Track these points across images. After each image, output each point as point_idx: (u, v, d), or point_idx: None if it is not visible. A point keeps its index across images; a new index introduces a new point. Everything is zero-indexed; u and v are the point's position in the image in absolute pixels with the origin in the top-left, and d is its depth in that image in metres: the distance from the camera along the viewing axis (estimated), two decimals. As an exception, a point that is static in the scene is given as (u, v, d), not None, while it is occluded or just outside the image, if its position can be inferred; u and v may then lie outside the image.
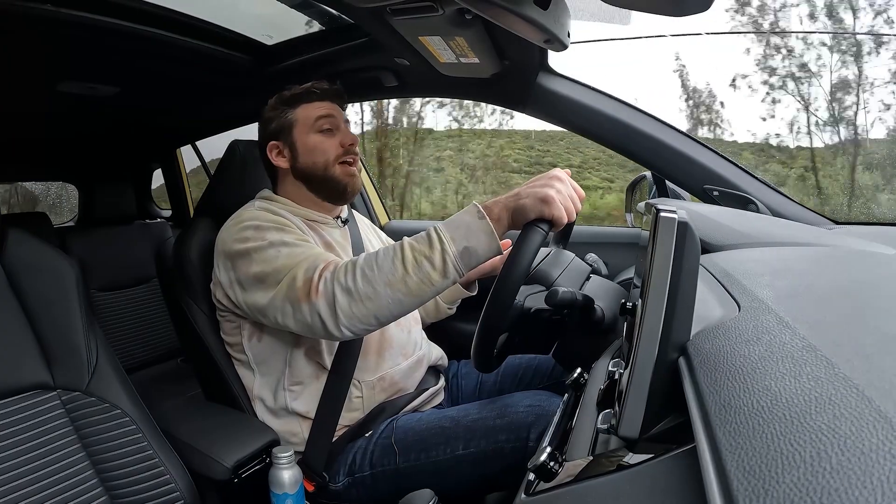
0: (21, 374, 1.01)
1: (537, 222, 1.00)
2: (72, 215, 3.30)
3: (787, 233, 1.18)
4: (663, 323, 0.54)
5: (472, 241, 1.01)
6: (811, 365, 0.40)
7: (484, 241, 1.01)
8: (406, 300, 1.03)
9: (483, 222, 1.01)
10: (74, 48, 1.50)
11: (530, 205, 1.00)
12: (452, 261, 1.01)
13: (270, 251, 1.14)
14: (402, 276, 1.01)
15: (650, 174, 1.58)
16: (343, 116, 1.37)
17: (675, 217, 0.54)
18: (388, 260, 1.03)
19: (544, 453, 0.65)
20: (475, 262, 1.03)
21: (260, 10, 1.65)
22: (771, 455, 0.33)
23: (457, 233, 1.02)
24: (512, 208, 1.02)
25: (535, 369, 1.45)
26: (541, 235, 0.99)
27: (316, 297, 1.04)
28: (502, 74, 1.47)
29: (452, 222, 1.04)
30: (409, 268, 1.01)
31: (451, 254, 1.01)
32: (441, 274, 1.01)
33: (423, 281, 1.01)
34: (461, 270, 1.02)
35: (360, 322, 1.04)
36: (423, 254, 1.02)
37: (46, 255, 1.12)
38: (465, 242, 1.01)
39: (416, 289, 1.02)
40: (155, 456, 1.06)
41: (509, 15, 0.96)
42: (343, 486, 1.21)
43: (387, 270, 1.02)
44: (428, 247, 1.02)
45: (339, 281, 1.04)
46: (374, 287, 1.02)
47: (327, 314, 1.04)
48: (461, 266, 1.02)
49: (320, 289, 1.05)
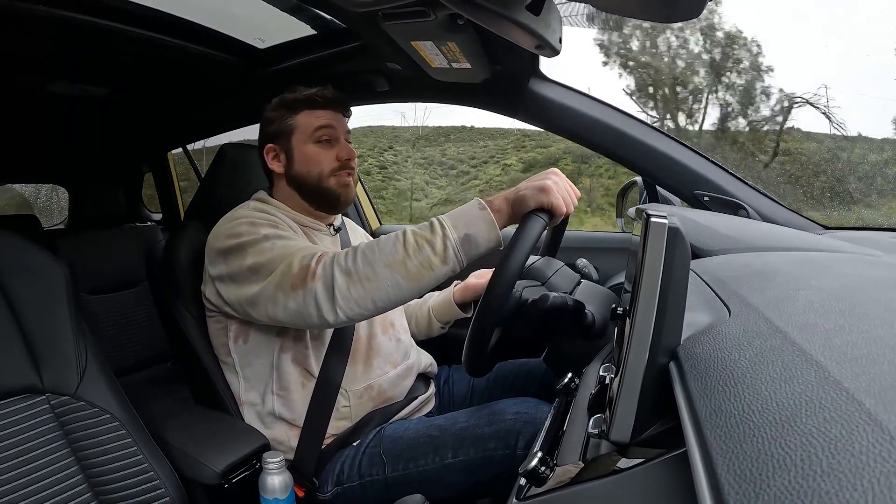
0: (9, 378, 1.00)
1: (537, 211, 1.03)
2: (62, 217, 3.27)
3: (776, 237, 1.19)
4: (654, 328, 0.54)
5: (473, 229, 1.04)
6: (801, 369, 0.40)
7: (485, 230, 1.04)
8: (405, 284, 1.04)
9: (484, 212, 1.05)
10: (66, 49, 1.50)
11: (530, 194, 1.04)
12: (453, 246, 1.03)
13: (265, 243, 1.14)
14: (403, 258, 1.03)
15: (641, 179, 1.58)
16: (344, 127, 1.36)
17: (666, 222, 0.55)
18: (390, 243, 1.05)
19: (535, 458, 0.65)
20: (475, 252, 1.05)
21: (252, 13, 1.64)
22: (762, 459, 0.33)
23: (458, 221, 1.05)
24: (512, 200, 1.06)
25: (526, 374, 1.45)
26: (540, 223, 1.02)
27: (313, 281, 1.05)
28: (494, 80, 1.47)
29: (454, 213, 1.08)
30: (410, 250, 1.03)
31: (452, 240, 1.03)
32: (441, 259, 1.03)
33: (422, 265, 1.03)
34: (462, 258, 1.04)
35: (357, 305, 1.04)
36: (425, 238, 1.04)
37: (36, 257, 1.11)
38: (467, 230, 1.04)
39: (415, 272, 1.03)
40: (145, 461, 1.05)
41: (501, 20, 0.97)
42: (332, 495, 1.20)
43: (387, 252, 1.04)
44: (430, 232, 1.05)
45: (339, 263, 1.05)
46: (373, 268, 1.03)
47: (324, 297, 1.04)
48: (462, 253, 1.04)
49: (318, 272, 1.05)
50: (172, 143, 2.89)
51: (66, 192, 2.83)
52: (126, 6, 1.38)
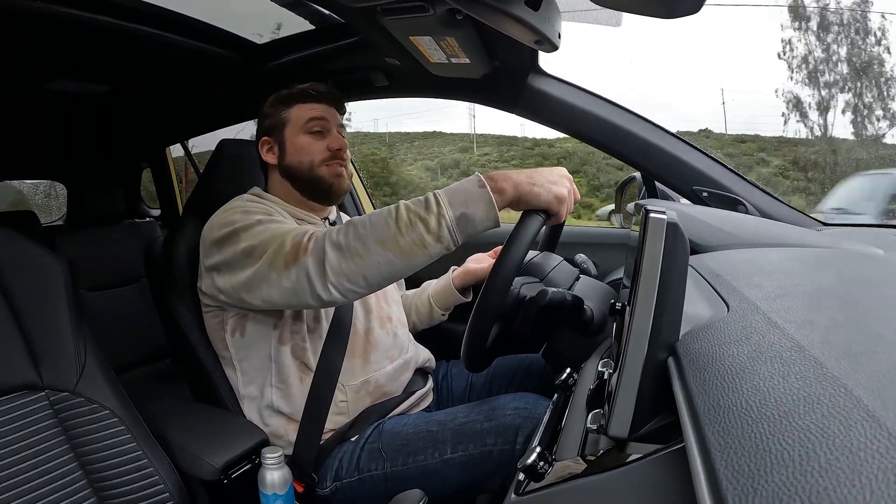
0: (8, 375, 1.00)
1: (539, 211, 1.02)
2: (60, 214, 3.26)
3: (775, 234, 1.19)
4: (652, 323, 0.54)
5: (471, 208, 1.00)
6: (800, 365, 0.41)
7: (482, 210, 1.00)
8: (397, 261, 1.01)
9: (483, 191, 1.01)
10: (64, 46, 1.49)
11: (545, 197, 1.02)
12: (448, 225, 0.99)
13: (258, 227, 1.13)
14: (395, 234, 1.00)
15: (640, 175, 1.58)
16: (337, 121, 1.36)
17: (665, 218, 0.55)
18: (382, 219, 1.02)
19: (534, 453, 0.65)
20: (472, 231, 1.02)
21: (250, 9, 1.64)
22: (760, 454, 0.33)
23: (455, 198, 1.01)
24: (524, 191, 1.02)
25: (525, 370, 1.45)
26: (539, 223, 1.01)
27: (305, 255, 1.03)
28: (493, 75, 1.47)
29: (452, 188, 1.03)
30: (403, 227, 1.00)
31: (448, 218, 0.99)
32: (435, 237, 1.00)
33: (415, 242, 1.00)
34: (457, 237, 1.01)
35: (348, 281, 1.02)
36: (419, 215, 1.00)
37: (34, 253, 1.11)
38: (464, 209, 1.00)
39: (407, 249, 1.00)
40: (144, 457, 1.05)
41: (500, 16, 0.97)
42: (330, 490, 1.20)
43: (380, 228, 1.01)
44: (424, 209, 1.01)
45: (331, 238, 1.03)
46: (364, 244, 1.01)
47: (315, 271, 1.02)
48: (457, 232, 1.00)
49: (310, 247, 1.04)
50: (171, 139, 2.89)
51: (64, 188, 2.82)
52: (124, 3, 1.38)
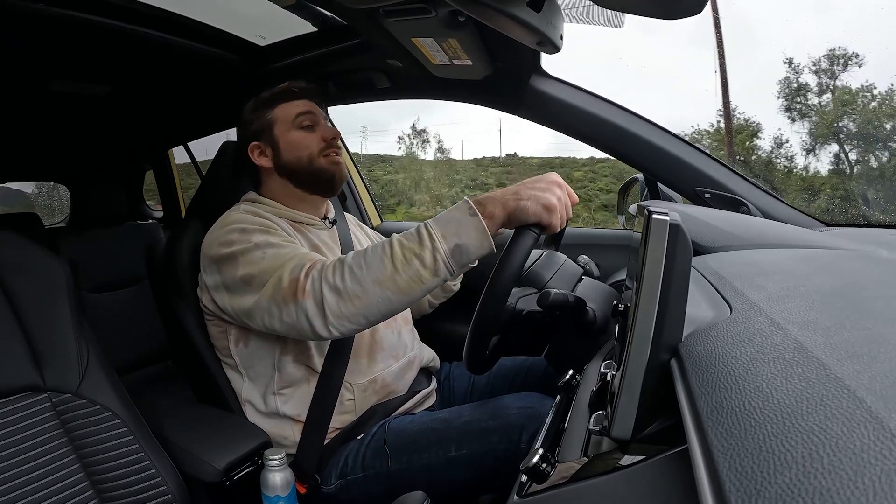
0: (11, 376, 1.00)
1: (531, 226, 0.99)
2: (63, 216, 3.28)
3: (778, 235, 1.18)
4: (655, 324, 0.54)
5: (464, 238, 0.99)
6: (803, 366, 0.40)
7: (475, 239, 0.99)
8: (396, 299, 1.00)
9: (475, 219, 0.99)
10: (67, 47, 1.49)
11: (532, 209, 0.99)
12: (443, 258, 0.99)
13: (256, 253, 1.12)
14: (392, 274, 0.99)
15: (642, 176, 1.58)
16: (322, 113, 1.37)
17: (667, 219, 0.54)
18: (377, 258, 1.01)
19: (537, 455, 0.65)
20: (466, 260, 1.01)
21: (253, 10, 1.64)
22: (763, 456, 0.33)
23: (448, 229, 1.00)
24: (512, 209, 1.00)
25: (527, 371, 1.45)
26: (533, 239, 0.98)
27: (303, 296, 1.02)
28: (495, 76, 1.47)
29: (443, 218, 1.02)
30: (399, 266, 0.99)
31: (442, 252, 0.99)
32: (432, 272, 0.99)
33: (412, 279, 0.99)
34: (453, 269, 1.00)
35: (348, 322, 1.02)
36: (413, 252, 0.99)
37: (36, 255, 1.11)
38: (457, 240, 0.99)
39: (405, 287, 0.99)
40: (146, 458, 1.05)
41: (502, 17, 0.96)
42: (335, 488, 1.20)
43: (376, 269, 1.00)
44: (418, 244, 1.00)
45: (327, 279, 1.02)
46: (362, 285, 1.00)
47: (315, 314, 1.02)
48: (453, 264, 1.00)
49: (307, 288, 1.03)
50: (173, 141, 2.89)
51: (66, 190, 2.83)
52: (127, 4, 1.38)
